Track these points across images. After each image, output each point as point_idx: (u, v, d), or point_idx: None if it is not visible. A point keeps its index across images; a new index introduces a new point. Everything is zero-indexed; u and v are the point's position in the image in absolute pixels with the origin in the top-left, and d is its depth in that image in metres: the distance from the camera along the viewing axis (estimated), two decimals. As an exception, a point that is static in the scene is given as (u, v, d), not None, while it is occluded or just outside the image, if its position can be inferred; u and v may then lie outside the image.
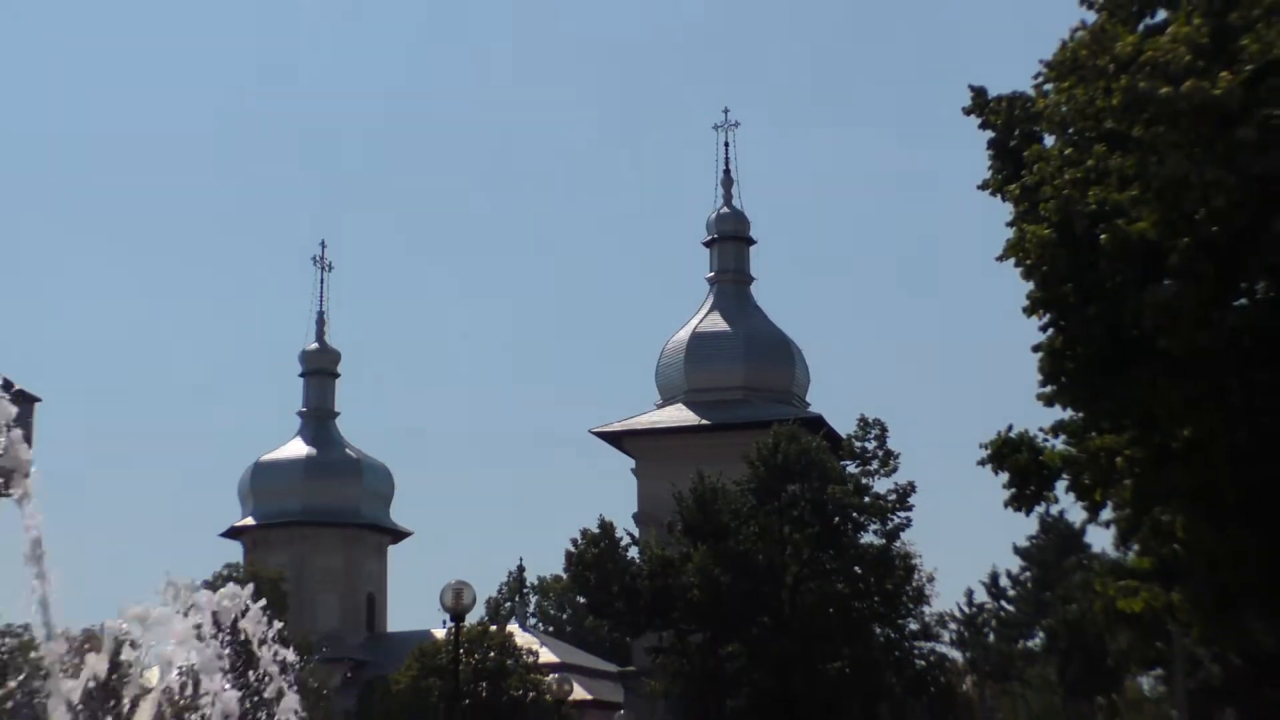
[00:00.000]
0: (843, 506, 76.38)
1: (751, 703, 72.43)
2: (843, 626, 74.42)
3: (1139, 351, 25.63)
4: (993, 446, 29.50)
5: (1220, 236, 25.12)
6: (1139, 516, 28.11)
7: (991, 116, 28.66)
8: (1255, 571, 26.98)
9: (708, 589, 74.50)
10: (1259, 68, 25.47)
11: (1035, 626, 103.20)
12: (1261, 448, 25.30)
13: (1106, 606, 35.61)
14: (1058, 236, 26.39)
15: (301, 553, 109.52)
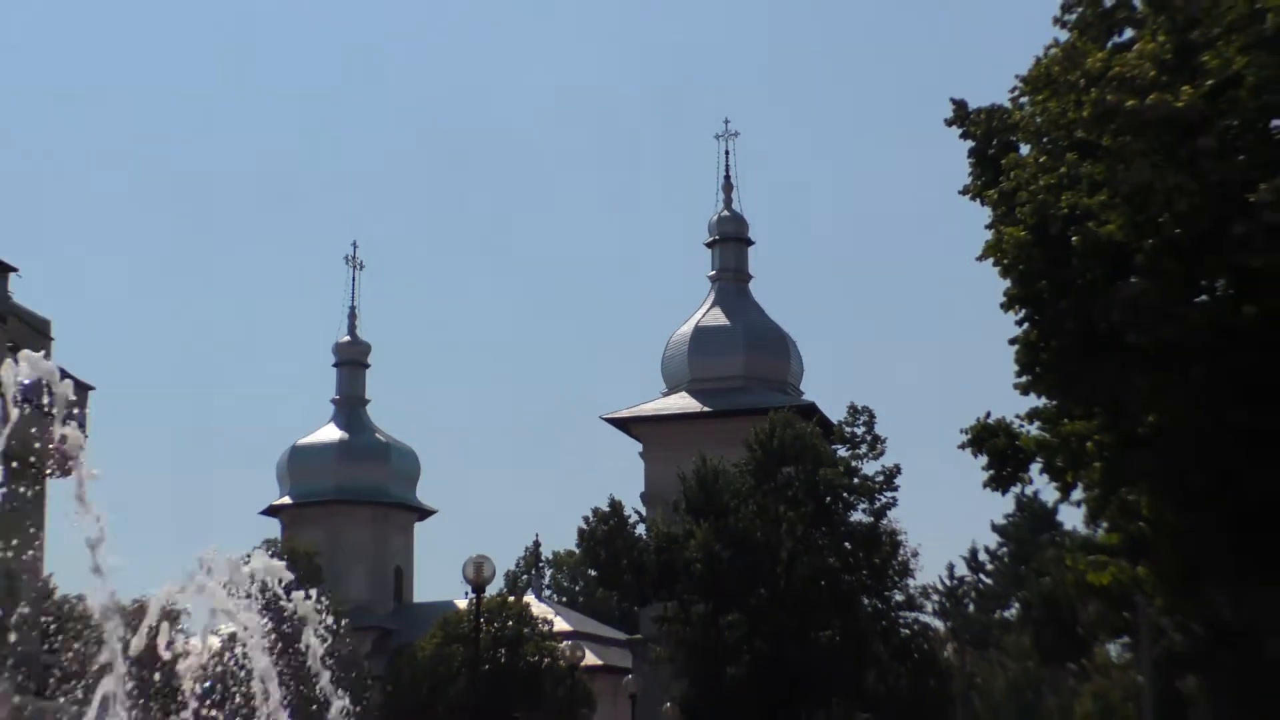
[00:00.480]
0: (833, 487, 76.47)
1: (749, 669, 72.41)
2: (833, 598, 74.44)
3: (1108, 344, 25.57)
4: (972, 432, 29.44)
5: (1183, 238, 25.07)
6: (1107, 496, 28.04)
7: (971, 127, 28.60)
8: (1216, 547, 26.90)
9: (709, 563, 74.56)
10: (1218, 82, 25.42)
11: (1011, 598, 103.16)
12: (1222, 433, 25.25)
13: (1077, 579, 35.56)
14: (1033, 238, 26.34)
15: (334, 529, 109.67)
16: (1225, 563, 27.50)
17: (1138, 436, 26.59)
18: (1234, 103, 25.60)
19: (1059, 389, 27.30)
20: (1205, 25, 25.96)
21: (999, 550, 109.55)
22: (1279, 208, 24.68)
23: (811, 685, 72.90)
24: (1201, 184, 24.87)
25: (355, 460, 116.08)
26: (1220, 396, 25.16)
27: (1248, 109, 25.75)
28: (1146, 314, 24.89)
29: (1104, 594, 35.21)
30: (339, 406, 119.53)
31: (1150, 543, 28.07)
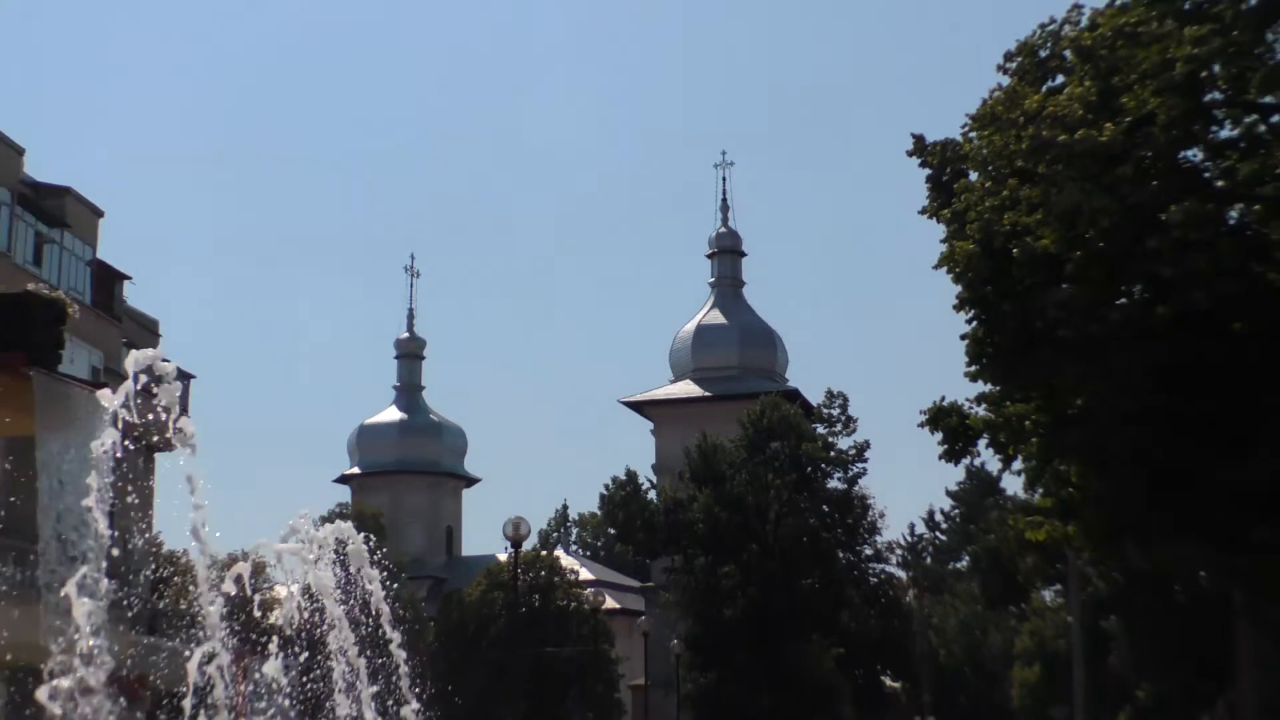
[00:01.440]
0: (813, 459, 76.77)
1: (743, 611, 72.48)
2: (813, 552, 74.58)
3: (1043, 339, 25.56)
4: (930, 413, 29.43)
5: (1106, 250, 25.02)
6: (1043, 467, 28.02)
7: (928, 157, 28.58)
8: (1134, 509, 26.86)
9: (709, 523, 74.80)
10: (1135, 120, 25.38)
11: (962, 552, 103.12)
12: (1140, 413, 25.21)
13: (1017, 536, 35.56)
14: (980, 250, 26.31)
15: (395, 495, 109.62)
16: (1141, 522, 27.45)
17: (1068, 416, 26.56)
18: (1148, 137, 25.57)
19: (1002, 377, 27.28)
20: (1124, 72, 25.90)
21: (952, 512, 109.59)
22: (1186, 226, 24.67)
23: (795, 625, 72.97)
24: (1121, 205, 24.83)
25: (413, 437, 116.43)
26: (1138, 383, 25.11)
27: (1160, 143, 25.73)
28: (1075, 314, 24.86)
29: (1039, 548, 35.21)
30: (399, 392, 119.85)
31: (1078, 505, 28.02)
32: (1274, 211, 26.68)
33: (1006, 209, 26.14)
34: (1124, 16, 26.80)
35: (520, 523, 38.03)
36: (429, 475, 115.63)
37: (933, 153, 28.63)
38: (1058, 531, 30.41)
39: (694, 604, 75.74)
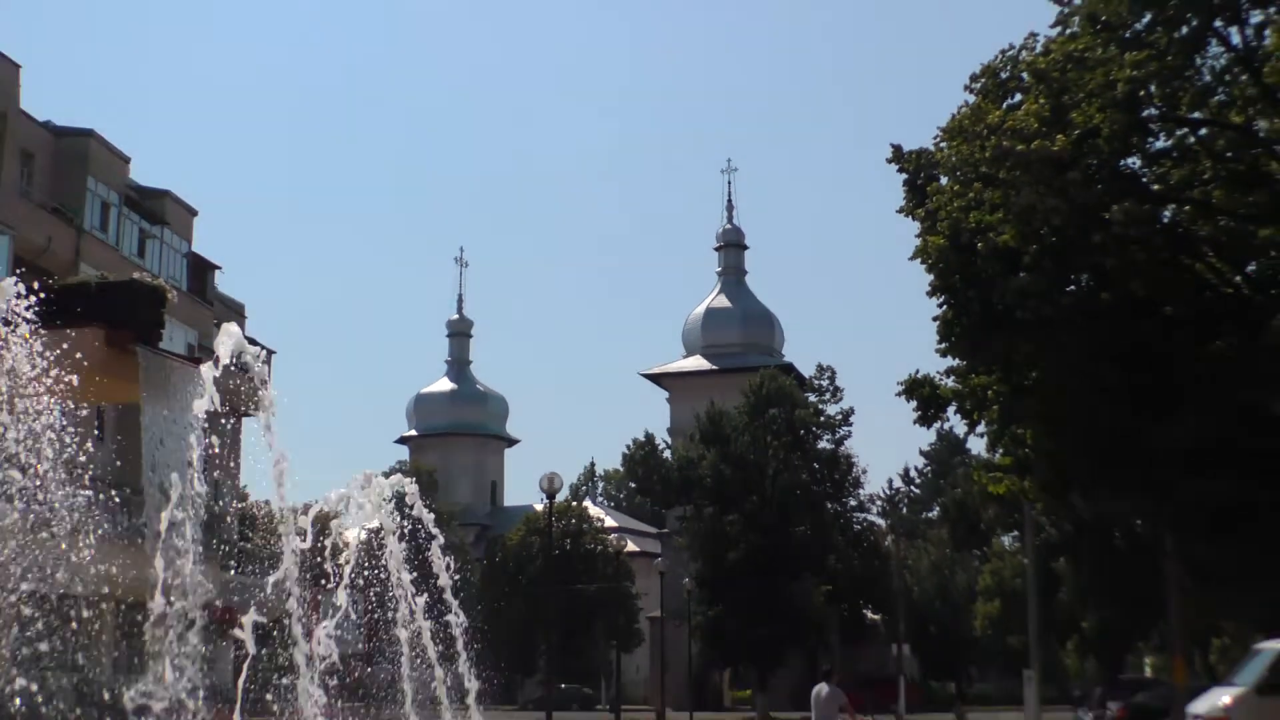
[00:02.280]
0: (805, 424, 76.76)
1: (744, 554, 72.51)
2: (805, 503, 74.59)
3: (1003, 321, 25.49)
4: (906, 384, 29.36)
5: (1057, 244, 24.97)
6: (1002, 430, 27.96)
7: (905, 164, 28.48)
8: (1080, 468, 26.84)
9: (716, 478, 74.89)
10: (1083, 132, 25.31)
11: (933, 503, 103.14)
12: (1086, 385, 25.19)
13: (980, 490, 35.42)
14: (949, 244, 26.25)
15: (447, 453, 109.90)
16: (1087, 478, 27.46)
17: (1024, 387, 26.52)
18: (1094, 148, 25.51)
19: (968, 353, 27.20)
20: (1072, 92, 25.82)
21: (924, 469, 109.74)
22: (1125, 224, 24.64)
23: (789, 565, 72.99)
24: (1070, 206, 24.75)
25: (461, 404, 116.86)
26: (1084, 358, 25.09)
27: (1103, 152, 25.68)
28: (1031, 299, 24.81)
29: (999, 500, 35.20)
30: (450, 365, 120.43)
31: (1033, 464, 27.98)
32: (1201, 212, 26.71)
33: (972, 209, 26.07)
34: (1072, 43, 26.74)
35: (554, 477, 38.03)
36: (476, 437, 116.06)
37: (909, 160, 28.56)
38: (1015, 486, 30.34)
39: (703, 547, 75.85)
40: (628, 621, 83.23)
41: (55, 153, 51.16)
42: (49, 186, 50.53)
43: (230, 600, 22.42)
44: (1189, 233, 26.57)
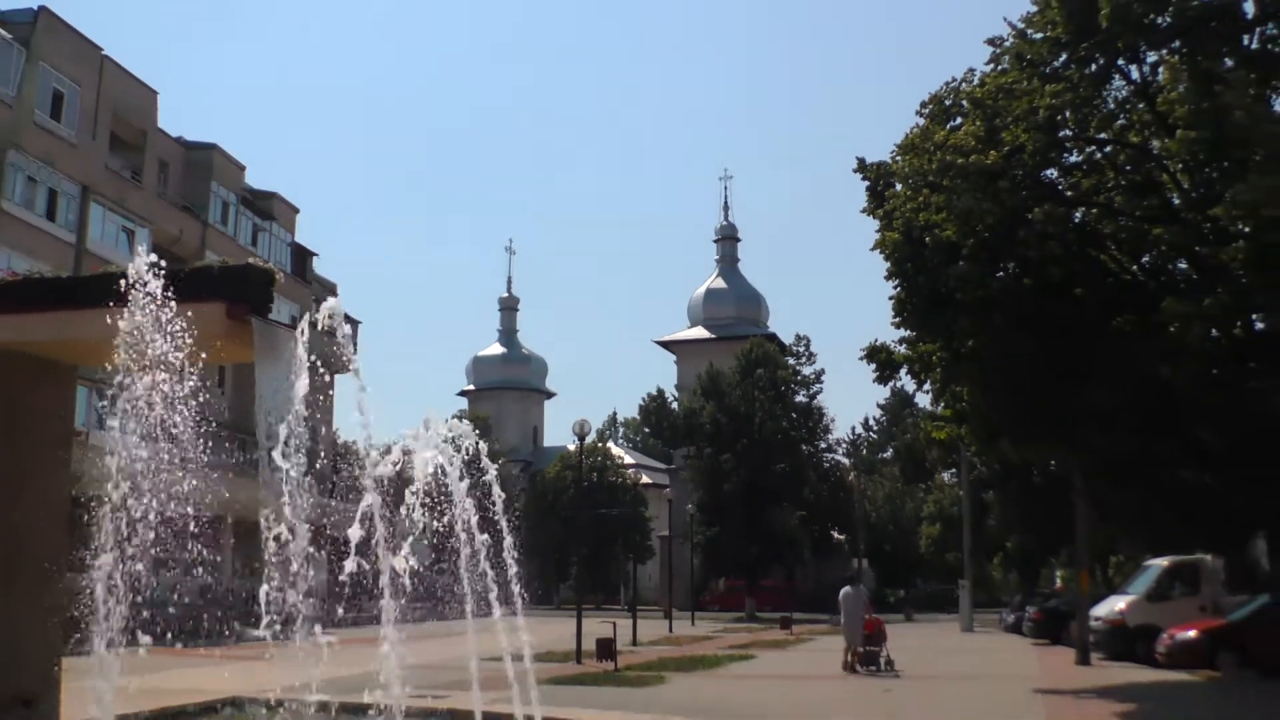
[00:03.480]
0: (785, 382, 77.11)
1: (736, 486, 72.91)
2: (785, 446, 74.72)
3: (946, 301, 25.44)
4: (867, 350, 29.30)
5: (990, 240, 24.92)
6: (944, 389, 27.94)
7: (868, 173, 28.40)
8: (1006, 419, 26.85)
9: (714, 425, 75.16)
10: (1011, 149, 25.26)
11: (888, 446, 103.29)
12: (1012, 353, 25.18)
13: (926, 436, 35.36)
14: (902, 239, 26.21)
15: (499, 404, 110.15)
16: (1012, 428, 27.43)
17: (962, 355, 26.45)
18: (1020, 161, 25.45)
19: (917, 326, 27.14)
20: (1003, 116, 25.75)
21: (881, 419, 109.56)
22: (1045, 223, 24.61)
23: (771, 496, 73.24)
24: (1001, 208, 24.71)
25: (510, 364, 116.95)
26: (1010, 332, 25.07)
27: (1027, 165, 25.63)
28: (968, 284, 24.79)
29: (941, 444, 35.07)
30: (500, 333, 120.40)
31: (968, 416, 27.98)
32: (1106, 214, 26.63)
33: (921, 210, 26.03)
34: (1003, 77, 26.68)
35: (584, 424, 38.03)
36: (521, 391, 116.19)
37: (871, 170, 28.49)
38: (954, 433, 30.34)
39: (702, 481, 76.17)
40: (642, 540, 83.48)
41: (185, 162, 51.38)
42: (180, 189, 50.74)
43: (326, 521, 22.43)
44: (1096, 230, 26.51)
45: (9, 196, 38.97)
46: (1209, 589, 32.99)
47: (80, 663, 9.27)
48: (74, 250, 41.14)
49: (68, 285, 14.22)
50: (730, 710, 18.04)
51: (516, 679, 13.30)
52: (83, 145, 42.65)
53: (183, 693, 19.06)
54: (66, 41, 42.22)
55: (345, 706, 14.43)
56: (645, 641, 38.97)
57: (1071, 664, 29.88)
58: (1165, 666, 27.93)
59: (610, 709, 18.05)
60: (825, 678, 26.31)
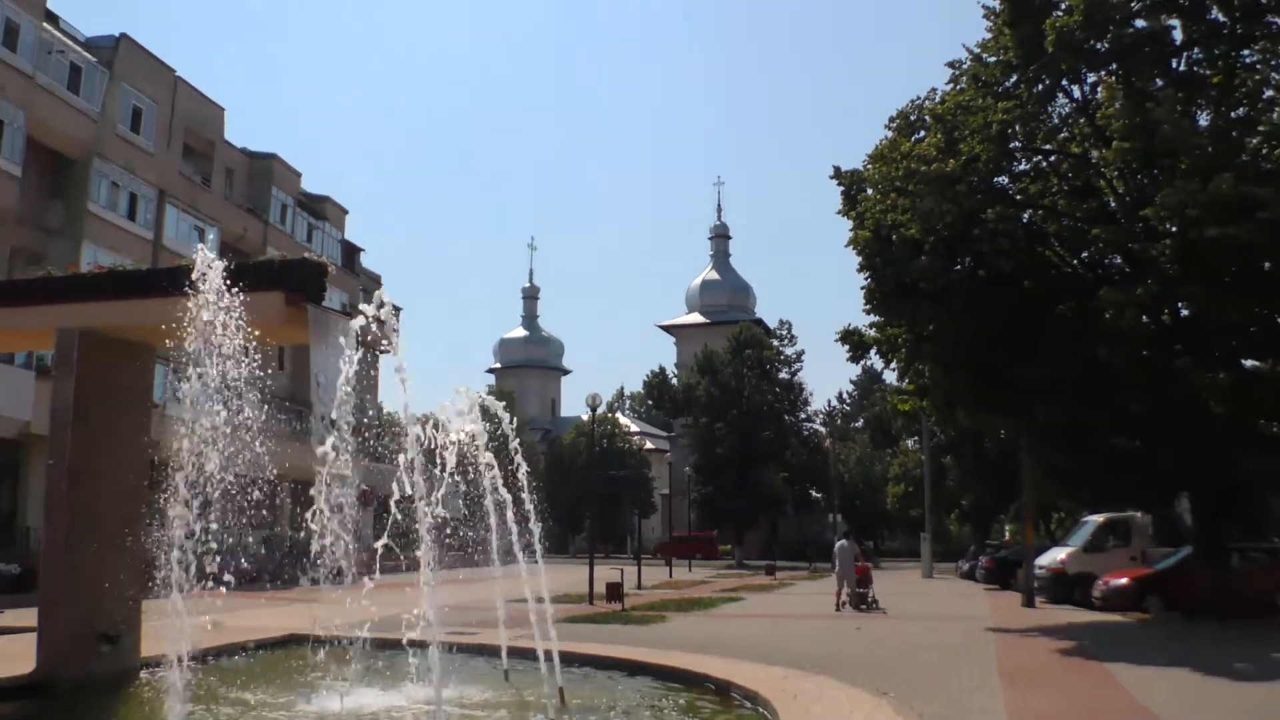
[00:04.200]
0: (770, 360, 77.17)
1: (728, 450, 73.03)
2: (770, 416, 74.84)
3: (910, 290, 25.34)
4: (841, 333, 29.21)
5: (949, 237, 24.85)
6: (908, 366, 27.87)
7: (843, 180, 28.25)
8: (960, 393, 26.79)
9: (708, 398, 75.25)
10: (967, 158, 25.14)
11: (859, 416, 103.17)
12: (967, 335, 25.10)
13: (892, 407, 35.38)
14: (873, 236, 26.12)
15: (523, 380, 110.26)
16: (966, 400, 27.37)
17: (924, 337, 26.38)
18: (975, 169, 25.34)
19: (885, 313, 27.04)
20: (961, 130, 25.67)
21: (853, 392, 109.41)
22: (997, 222, 24.54)
23: (758, 458, 73.39)
24: (958, 209, 24.63)
25: (532, 345, 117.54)
26: (966, 317, 25.00)
27: (982, 172, 25.52)
28: (930, 275, 24.70)
29: (905, 415, 35.15)
30: (524, 318, 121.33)
31: (929, 389, 27.91)
32: (1050, 215, 26.57)
33: (889, 212, 25.95)
34: (961, 95, 26.60)
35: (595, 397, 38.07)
36: (541, 368, 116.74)
37: (845, 177, 28.36)
38: (916, 405, 30.27)
39: (698, 446, 76.33)
40: (645, 497, 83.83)
41: (249, 170, 51.39)
42: (245, 193, 50.74)
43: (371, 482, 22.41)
44: (1041, 229, 26.44)
45: (95, 199, 39.07)
46: (1138, 541, 33.16)
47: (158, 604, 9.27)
48: (152, 246, 41.17)
49: (147, 277, 14.24)
50: (722, 645, 18.06)
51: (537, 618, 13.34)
52: (159, 154, 42.66)
53: (246, 630, 19.12)
54: (144, 64, 42.22)
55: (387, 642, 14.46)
56: (649, 586, 39.03)
57: (1018, 606, 29.91)
58: (1100, 609, 28.07)
59: (618, 644, 18.09)
60: (805, 617, 26.36)
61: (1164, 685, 14.24)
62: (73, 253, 36.43)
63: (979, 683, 14.22)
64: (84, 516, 13.96)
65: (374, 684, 13.46)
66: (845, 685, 13.46)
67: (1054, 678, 14.99)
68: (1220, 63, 25.75)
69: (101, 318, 14.03)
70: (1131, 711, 12.18)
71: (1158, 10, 25.27)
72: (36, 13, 36.58)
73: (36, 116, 36.19)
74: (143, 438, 14.90)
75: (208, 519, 8.09)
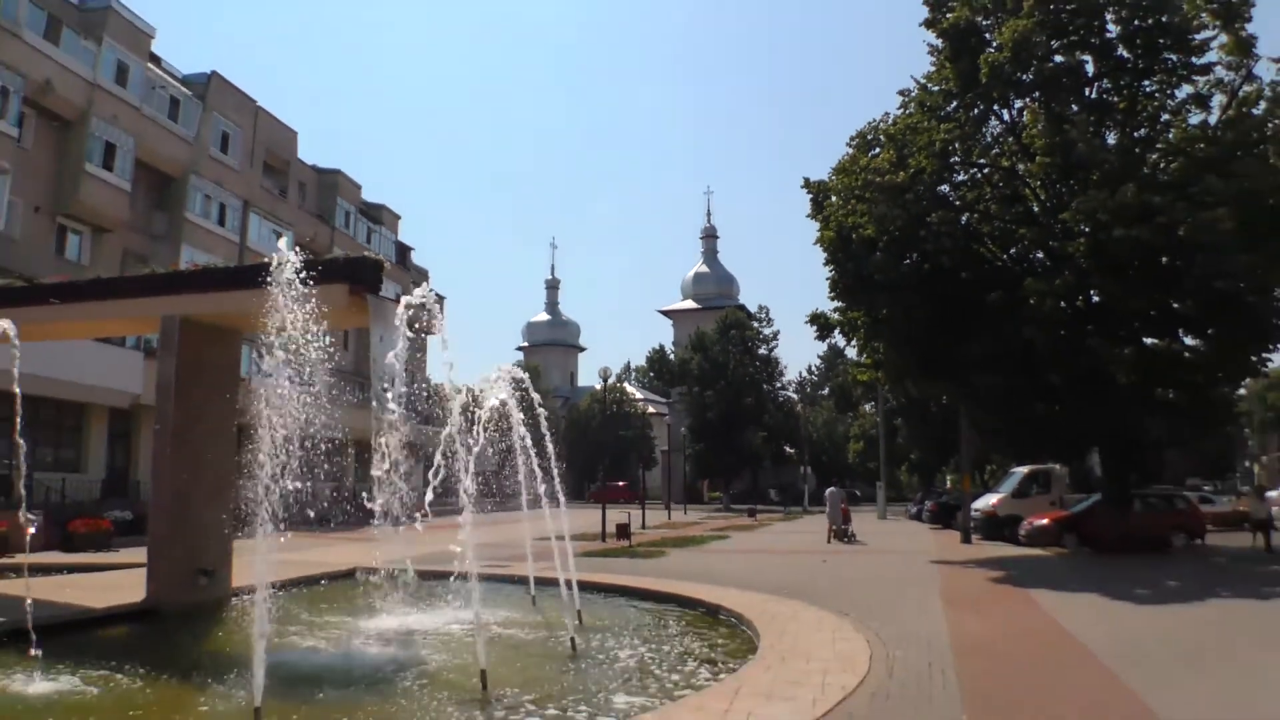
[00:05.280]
0: (752, 339, 76.57)
1: (716, 415, 72.65)
2: (751, 386, 74.42)
3: (868, 282, 25.23)
4: (811, 316, 29.10)
5: (900, 237, 24.67)
6: (866, 344, 27.70)
7: (811, 188, 28.06)
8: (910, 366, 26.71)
9: (700, 371, 74.77)
10: (915, 170, 25.04)
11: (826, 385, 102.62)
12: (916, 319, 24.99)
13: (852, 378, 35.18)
14: (836, 236, 25.97)
15: (545, 357, 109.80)
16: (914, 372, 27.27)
17: (879, 319, 26.22)
18: (921, 180, 25.23)
19: (847, 299, 26.85)
20: (909, 147, 25.56)
21: (820, 366, 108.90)
22: (940, 224, 24.43)
23: (741, 421, 73.04)
24: (907, 214, 24.51)
25: (554, 327, 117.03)
26: (914, 304, 24.92)
27: (927, 183, 25.41)
28: (883, 268, 24.58)
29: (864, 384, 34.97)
30: (547, 304, 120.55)
31: (883, 363, 27.80)
32: (984, 218, 26.45)
33: (849, 215, 25.76)
34: (909, 118, 26.45)
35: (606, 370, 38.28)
36: (562, 346, 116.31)
37: (813, 186, 28.16)
38: (873, 376, 30.11)
39: (692, 410, 75.99)
40: (648, 453, 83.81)
41: (318, 183, 51.28)
42: (315, 202, 50.65)
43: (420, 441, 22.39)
44: (977, 230, 26.30)
45: (191, 209, 39.05)
46: (1057, 489, 33.16)
47: (246, 544, 9.31)
48: (238, 248, 41.10)
49: (234, 273, 14.25)
50: (712, 575, 18.10)
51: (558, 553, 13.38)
52: (243, 171, 42.57)
53: (317, 565, 19.20)
54: (231, 96, 42.08)
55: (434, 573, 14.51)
56: (651, 526, 39.10)
57: (958, 543, 29.93)
58: (1025, 545, 28.10)
59: (626, 573, 18.14)
60: (780, 552, 26.40)
61: (1077, 608, 14.26)
62: (173, 254, 36.43)
63: (925, 606, 14.25)
64: (185, 472, 14.01)
65: (423, 608, 13.52)
66: (814, 608, 13.50)
67: (987, 602, 15.01)
68: (1125, 91, 25.71)
69: (197, 307, 14.05)
70: (1050, 628, 12.21)
71: (1073, 48, 25.22)
72: (142, 55, 36.50)
73: (143, 142, 36.14)
74: (233, 406, 14.94)
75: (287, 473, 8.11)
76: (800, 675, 8.88)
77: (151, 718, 7.76)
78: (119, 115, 34.90)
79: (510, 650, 10.83)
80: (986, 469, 57.17)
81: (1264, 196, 21.61)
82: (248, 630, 9.79)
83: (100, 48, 34.46)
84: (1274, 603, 15.01)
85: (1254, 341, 23.46)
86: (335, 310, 11.90)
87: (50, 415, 31.90)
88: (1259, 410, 69.90)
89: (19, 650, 9.96)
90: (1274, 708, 7.87)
